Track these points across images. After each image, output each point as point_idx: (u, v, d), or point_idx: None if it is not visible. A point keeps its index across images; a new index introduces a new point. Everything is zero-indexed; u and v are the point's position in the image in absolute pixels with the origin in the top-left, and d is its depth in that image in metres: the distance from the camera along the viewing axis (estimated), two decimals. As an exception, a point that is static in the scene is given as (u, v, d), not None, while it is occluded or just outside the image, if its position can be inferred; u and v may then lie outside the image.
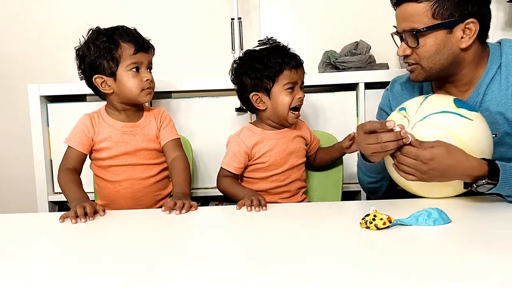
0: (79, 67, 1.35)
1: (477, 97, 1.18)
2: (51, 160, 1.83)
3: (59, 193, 1.80)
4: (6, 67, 2.21)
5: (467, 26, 1.11)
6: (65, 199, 1.25)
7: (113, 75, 1.30)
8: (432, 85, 1.30)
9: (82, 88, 1.74)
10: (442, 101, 1.11)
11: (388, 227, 0.90)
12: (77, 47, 1.35)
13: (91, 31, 1.34)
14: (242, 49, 1.79)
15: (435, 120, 1.06)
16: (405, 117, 1.11)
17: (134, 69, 1.31)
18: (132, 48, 1.30)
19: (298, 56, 1.36)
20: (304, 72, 1.37)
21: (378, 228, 0.89)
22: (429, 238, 0.86)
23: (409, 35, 1.15)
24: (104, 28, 1.33)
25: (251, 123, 1.43)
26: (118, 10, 2.14)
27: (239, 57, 1.42)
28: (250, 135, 1.37)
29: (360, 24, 2.03)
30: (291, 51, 1.37)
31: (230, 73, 1.42)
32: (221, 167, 1.38)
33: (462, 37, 1.12)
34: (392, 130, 1.01)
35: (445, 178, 1.03)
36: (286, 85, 1.32)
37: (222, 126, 1.79)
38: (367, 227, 0.90)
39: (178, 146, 1.40)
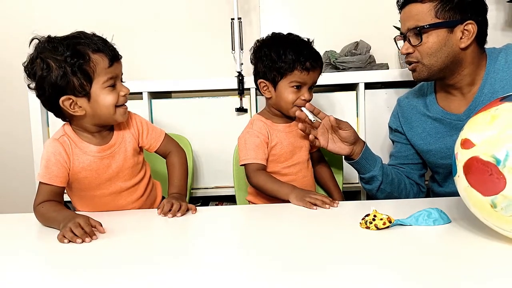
0: (36, 90, 1.09)
1: (481, 97, 1.23)
2: (51, 160, 1.83)
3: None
4: (6, 67, 2.21)
5: (466, 28, 1.19)
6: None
7: (86, 94, 1.08)
8: (435, 89, 1.35)
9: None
10: None
11: (388, 227, 0.90)
12: (25, 64, 1.08)
13: (39, 42, 1.08)
14: (242, 49, 1.79)
15: None
16: None
17: (111, 85, 1.10)
18: (106, 60, 1.08)
19: (317, 59, 1.32)
20: (320, 74, 1.35)
21: (378, 228, 0.90)
22: (429, 238, 0.87)
23: (413, 32, 1.22)
24: (58, 38, 1.08)
25: (259, 114, 1.42)
26: (118, 11, 2.13)
27: (265, 38, 1.37)
28: (262, 125, 1.36)
29: (360, 24, 2.03)
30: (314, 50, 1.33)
31: (252, 50, 1.39)
32: (247, 163, 1.32)
33: (461, 38, 1.20)
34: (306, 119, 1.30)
35: None
36: (292, 83, 1.30)
37: (222, 126, 1.79)
38: (367, 227, 0.91)
39: (169, 142, 1.31)
